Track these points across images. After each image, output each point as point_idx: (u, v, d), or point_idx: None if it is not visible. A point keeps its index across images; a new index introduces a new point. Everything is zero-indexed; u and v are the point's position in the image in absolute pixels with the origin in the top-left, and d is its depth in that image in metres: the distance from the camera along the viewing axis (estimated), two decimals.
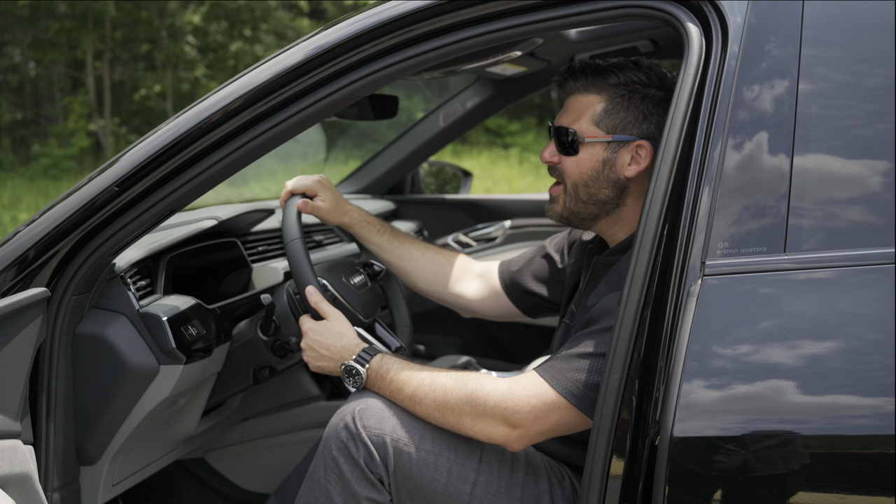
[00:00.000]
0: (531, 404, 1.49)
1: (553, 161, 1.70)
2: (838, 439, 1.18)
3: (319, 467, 1.59)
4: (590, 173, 1.66)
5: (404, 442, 1.55)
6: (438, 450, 1.56)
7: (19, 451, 1.37)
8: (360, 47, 1.53)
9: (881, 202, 1.23)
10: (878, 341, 1.16)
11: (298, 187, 1.91)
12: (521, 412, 1.49)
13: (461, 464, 1.57)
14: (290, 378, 2.44)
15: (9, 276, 1.55)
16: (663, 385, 1.24)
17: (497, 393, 1.51)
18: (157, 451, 1.99)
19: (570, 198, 1.69)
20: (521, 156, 14.00)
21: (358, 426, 1.55)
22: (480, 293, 2.07)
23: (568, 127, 1.66)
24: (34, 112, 15.54)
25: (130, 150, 1.60)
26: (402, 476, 1.55)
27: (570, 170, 1.67)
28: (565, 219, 1.73)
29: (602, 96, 1.65)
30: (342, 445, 1.56)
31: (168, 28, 14.51)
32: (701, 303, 1.23)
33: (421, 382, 1.57)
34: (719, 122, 1.31)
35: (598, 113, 1.65)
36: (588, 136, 1.64)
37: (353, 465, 1.55)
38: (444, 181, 3.78)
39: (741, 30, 1.34)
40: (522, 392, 1.50)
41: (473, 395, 1.52)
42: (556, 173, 1.71)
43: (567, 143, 1.66)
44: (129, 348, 1.69)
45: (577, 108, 1.67)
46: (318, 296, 1.74)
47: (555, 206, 1.73)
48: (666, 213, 1.32)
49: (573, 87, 1.68)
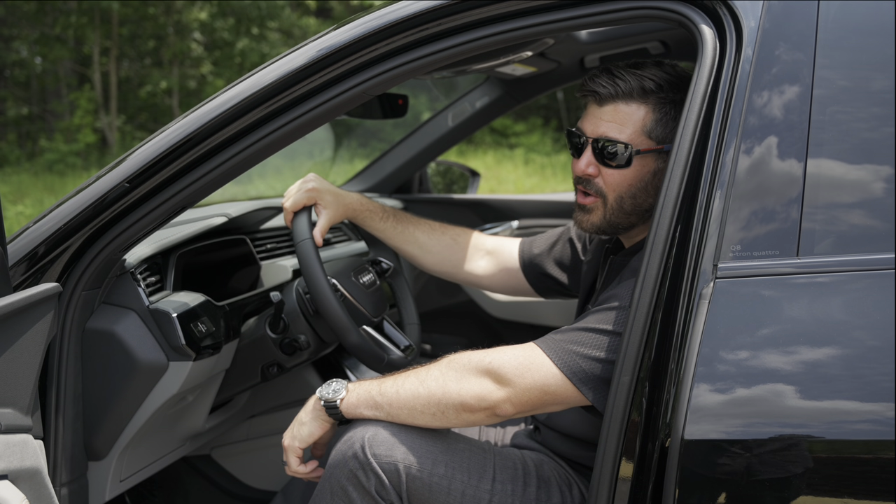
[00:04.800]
0: (518, 361, 1.46)
1: (591, 174, 1.61)
2: (856, 444, 1.17)
3: (325, 494, 1.54)
4: (638, 184, 1.59)
5: (417, 468, 1.50)
6: (451, 473, 1.53)
7: (30, 445, 1.37)
8: (373, 46, 1.53)
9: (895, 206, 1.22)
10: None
11: (297, 204, 1.85)
12: (506, 366, 1.45)
13: (475, 486, 1.54)
14: (297, 376, 2.44)
15: (19, 272, 1.55)
16: (674, 387, 1.23)
17: (480, 353, 1.49)
18: (165, 447, 2.00)
19: (611, 210, 1.62)
20: (526, 156, 13.99)
21: (368, 455, 1.50)
22: (491, 270, 2.06)
23: (617, 139, 1.57)
24: (40, 107, 15.56)
25: (140, 147, 1.60)
26: (415, 502, 1.52)
27: (615, 182, 1.60)
28: (601, 230, 1.65)
29: (648, 105, 1.57)
30: (351, 475, 1.51)
31: (175, 25, 14.53)
32: (713, 305, 1.23)
33: (395, 378, 1.54)
34: (733, 124, 1.31)
35: (649, 124, 1.57)
36: (643, 148, 1.58)
37: (363, 493, 1.51)
38: (451, 181, 3.78)
39: (756, 33, 1.34)
40: (510, 351, 1.48)
41: (452, 359, 1.50)
42: (592, 187, 1.62)
43: (613, 156, 1.58)
44: (139, 344, 1.69)
45: (621, 118, 1.57)
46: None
47: (590, 218, 1.64)
48: (678, 216, 1.32)
49: (613, 95, 1.58)
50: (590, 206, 1.64)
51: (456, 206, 3.44)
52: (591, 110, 1.62)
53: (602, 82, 1.58)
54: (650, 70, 1.59)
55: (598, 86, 1.59)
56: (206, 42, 15.20)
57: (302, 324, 1.93)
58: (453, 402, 1.48)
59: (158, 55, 15.24)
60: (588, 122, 1.62)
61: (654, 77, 1.58)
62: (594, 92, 1.59)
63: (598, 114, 1.60)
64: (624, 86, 1.57)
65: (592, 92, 1.60)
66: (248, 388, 2.08)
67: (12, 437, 1.34)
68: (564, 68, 2.72)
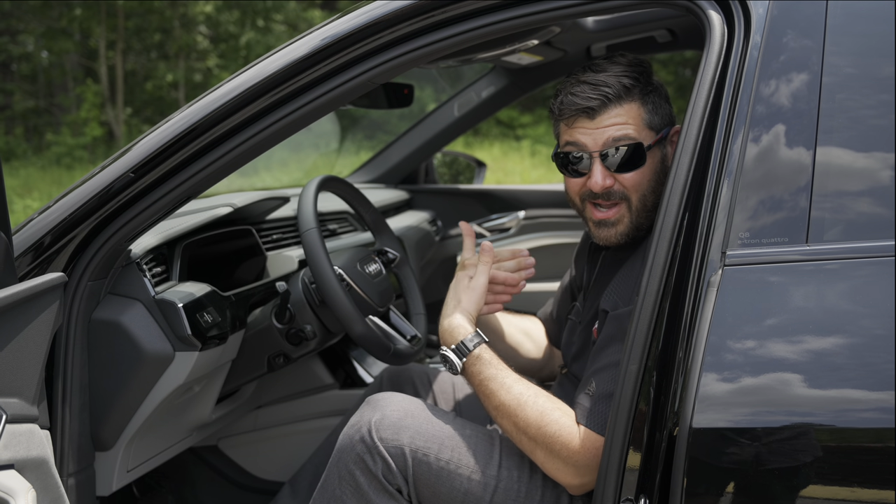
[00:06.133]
0: (590, 453, 1.45)
1: (609, 186, 1.58)
2: (865, 433, 1.16)
3: (333, 478, 1.56)
4: (653, 176, 1.58)
5: (423, 452, 1.52)
6: (458, 458, 1.54)
7: (36, 435, 1.37)
8: (378, 34, 1.52)
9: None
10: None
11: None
12: (591, 469, 1.44)
13: (481, 471, 1.54)
14: (304, 366, 2.44)
15: (25, 262, 1.55)
16: (682, 376, 1.22)
17: (574, 444, 1.45)
18: (172, 437, 2.00)
19: (636, 212, 1.59)
20: (532, 147, 13.97)
21: (374, 439, 1.52)
22: (540, 352, 2.01)
23: (628, 141, 1.55)
24: (47, 101, 15.59)
25: (144, 137, 1.60)
26: (421, 486, 1.53)
27: (635, 184, 1.57)
28: (629, 236, 1.61)
29: (635, 100, 1.57)
30: (358, 458, 1.53)
31: (180, 18, 14.52)
32: (721, 293, 1.22)
33: (505, 402, 1.52)
34: (741, 112, 1.30)
35: (645, 116, 1.57)
36: (650, 141, 1.57)
37: (370, 477, 1.53)
38: (457, 171, 3.77)
39: (764, 19, 1.32)
40: (594, 450, 1.44)
41: (553, 438, 1.46)
42: (614, 196, 1.59)
43: (627, 159, 1.56)
44: (145, 334, 1.69)
45: (623, 120, 1.56)
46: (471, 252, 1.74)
47: (618, 229, 1.60)
48: (686, 203, 1.31)
49: (605, 103, 1.55)
50: (615, 218, 1.60)
51: (462, 196, 3.44)
52: (583, 125, 1.57)
53: (588, 96, 1.55)
54: (616, 69, 1.58)
55: (586, 100, 1.55)
56: (211, 35, 15.20)
57: (308, 314, 1.93)
58: (535, 461, 1.51)
59: (164, 48, 15.24)
60: (585, 137, 1.57)
61: (625, 73, 1.57)
62: (585, 108, 1.56)
63: (596, 125, 1.56)
64: (610, 91, 1.55)
65: (583, 109, 1.56)
66: (254, 379, 2.08)
67: (18, 427, 1.34)
68: (571, 57, 2.70)
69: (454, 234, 3.35)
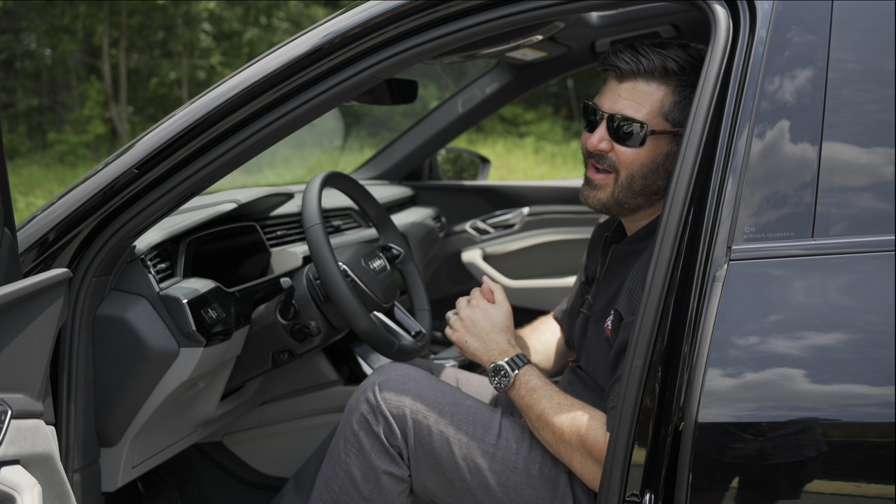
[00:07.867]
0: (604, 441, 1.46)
1: (603, 149, 1.59)
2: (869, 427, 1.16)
3: (340, 442, 1.62)
4: (650, 165, 1.57)
5: (423, 415, 1.57)
6: (458, 424, 1.58)
7: (41, 430, 1.38)
8: (381, 30, 1.51)
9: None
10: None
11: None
12: (602, 449, 1.46)
13: (479, 439, 1.57)
14: (308, 362, 2.44)
15: (30, 258, 1.55)
16: (687, 371, 1.22)
17: (603, 449, 1.46)
18: (177, 433, 2.00)
19: (621, 188, 1.60)
20: (536, 145, 13.96)
21: (378, 399, 1.58)
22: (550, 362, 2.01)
23: (633, 118, 1.55)
24: (50, 99, 15.61)
25: (148, 133, 1.60)
26: (420, 450, 1.57)
27: (627, 160, 1.58)
28: (608, 208, 1.64)
29: (668, 87, 1.55)
30: (363, 419, 1.59)
31: (183, 15, 14.52)
32: (727, 288, 1.22)
33: (545, 411, 1.53)
34: (746, 106, 1.29)
35: (667, 106, 1.55)
36: (659, 129, 1.56)
37: (372, 438, 1.58)
38: (461, 167, 3.77)
39: (769, 14, 1.32)
40: (600, 430, 1.47)
41: (588, 443, 1.48)
42: (606, 161, 1.60)
43: (628, 134, 1.56)
44: (150, 330, 1.69)
45: (639, 97, 1.56)
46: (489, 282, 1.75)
47: (598, 194, 1.62)
48: (691, 198, 1.31)
49: (634, 72, 1.55)
50: (599, 183, 1.62)
51: (467, 192, 3.44)
52: (611, 86, 1.60)
53: (625, 58, 1.56)
54: (674, 51, 1.57)
55: (621, 61, 1.56)
56: (214, 32, 15.20)
57: (312, 310, 1.93)
58: (573, 468, 1.53)
59: (167, 46, 15.25)
60: (606, 97, 1.60)
61: (678, 58, 1.56)
62: (616, 67, 1.57)
63: (617, 90, 1.58)
64: (647, 63, 1.55)
65: (614, 67, 1.58)
66: (259, 375, 2.08)
67: (24, 423, 1.34)
68: (575, 53, 2.70)
69: (458, 231, 3.35)
